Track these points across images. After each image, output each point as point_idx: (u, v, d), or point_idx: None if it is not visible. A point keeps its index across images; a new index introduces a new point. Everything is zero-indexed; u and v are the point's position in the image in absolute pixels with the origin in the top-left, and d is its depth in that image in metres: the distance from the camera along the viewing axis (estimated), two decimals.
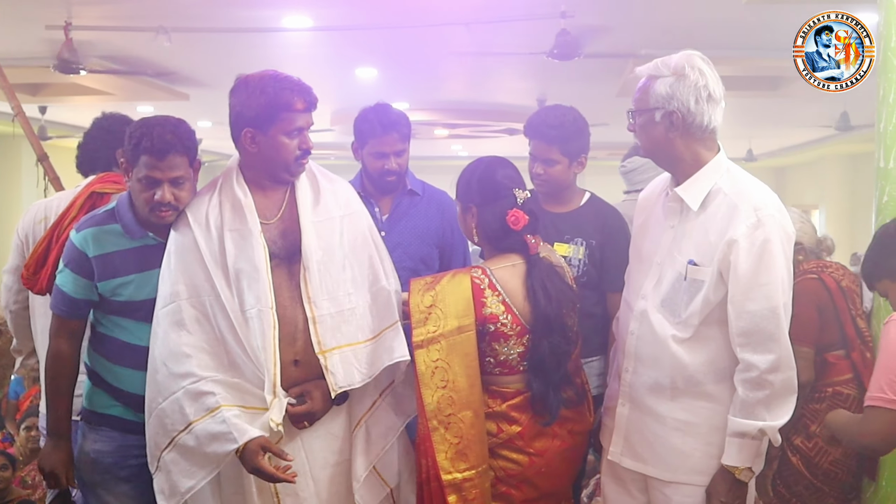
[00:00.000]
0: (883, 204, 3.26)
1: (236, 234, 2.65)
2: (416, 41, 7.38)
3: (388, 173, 3.26)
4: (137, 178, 2.61)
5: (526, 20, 6.35)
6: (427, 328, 2.63)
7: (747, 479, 2.46)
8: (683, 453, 2.54)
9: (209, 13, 6.55)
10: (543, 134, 3.15)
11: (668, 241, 2.60)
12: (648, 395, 2.59)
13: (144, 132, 2.58)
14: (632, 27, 6.86)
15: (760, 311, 2.38)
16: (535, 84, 9.64)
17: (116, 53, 7.89)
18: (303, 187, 2.76)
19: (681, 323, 2.50)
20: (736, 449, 2.44)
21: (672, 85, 2.47)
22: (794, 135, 13.86)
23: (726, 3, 5.85)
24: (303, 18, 6.78)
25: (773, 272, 2.40)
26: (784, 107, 10.62)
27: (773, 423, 2.40)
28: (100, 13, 6.62)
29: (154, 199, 2.60)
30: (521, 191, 2.72)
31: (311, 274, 2.65)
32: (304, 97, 2.66)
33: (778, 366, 2.39)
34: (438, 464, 2.58)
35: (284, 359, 2.61)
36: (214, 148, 16.87)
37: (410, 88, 10.31)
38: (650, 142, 2.59)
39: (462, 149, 17.28)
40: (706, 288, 2.45)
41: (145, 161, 2.58)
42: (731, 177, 2.53)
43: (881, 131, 3.26)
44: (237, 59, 8.18)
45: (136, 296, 2.68)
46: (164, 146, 2.57)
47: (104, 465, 2.75)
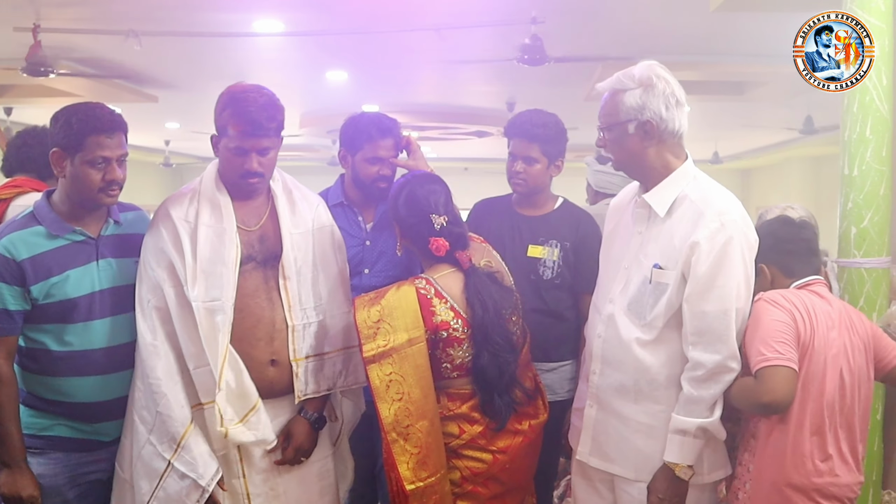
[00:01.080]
0: (847, 210, 3.33)
1: (211, 230, 2.69)
2: (386, 45, 7.40)
3: (382, 179, 3.21)
4: (86, 161, 2.55)
5: (496, 25, 6.39)
6: (377, 342, 2.65)
7: (686, 477, 2.49)
8: (645, 455, 2.59)
9: (179, 16, 6.53)
10: (526, 131, 3.19)
11: (635, 246, 2.65)
12: (614, 396, 2.64)
13: (87, 115, 2.55)
14: (601, 33, 6.93)
15: (713, 312, 2.43)
16: (504, 88, 9.69)
17: (86, 56, 7.83)
18: (281, 199, 2.81)
19: (646, 325, 2.55)
20: (677, 446, 2.48)
21: (642, 96, 2.52)
22: (760, 138, 14.03)
23: (693, 11, 5.93)
24: (274, 23, 6.78)
25: (729, 276, 2.44)
26: (749, 110, 10.75)
27: (712, 419, 2.46)
28: (69, 16, 6.57)
29: (105, 179, 2.58)
30: (439, 216, 2.75)
31: (291, 283, 2.74)
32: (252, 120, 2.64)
33: (724, 367, 2.44)
34: (401, 475, 2.62)
35: (261, 358, 2.68)
36: (183, 150, 16.79)
37: (380, 91, 10.32)
38: (625, 154, 2.62)
39: (431, 150, 17.29)
40: (670, 291, 2.50)
41: (95, 142, 2.54)
42: (698, 184, 2.57)
43: (846, 139, 3.33)
44: (207, 61, 8.18)
45: (71, 293, 2.61)
46: (111, 125, 2.57)
47: (53, 488, 2.66)
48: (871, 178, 3.25)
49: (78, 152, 2.55)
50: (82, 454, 2.70)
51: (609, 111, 2.59)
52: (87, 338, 2.65)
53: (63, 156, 2.57)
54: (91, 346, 2.66)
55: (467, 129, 12.43)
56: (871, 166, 3.25)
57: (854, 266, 3.31)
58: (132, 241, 2.75)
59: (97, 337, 2.66)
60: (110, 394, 2.70)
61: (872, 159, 3.25)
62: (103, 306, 2.67)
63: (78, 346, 2.64)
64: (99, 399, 2.69)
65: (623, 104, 2.54)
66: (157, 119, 12.29)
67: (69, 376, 2.64)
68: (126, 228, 2.77)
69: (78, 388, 2.65)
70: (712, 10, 5.61)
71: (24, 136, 3.57)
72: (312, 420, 2.79)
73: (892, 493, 3.31)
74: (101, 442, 2.74)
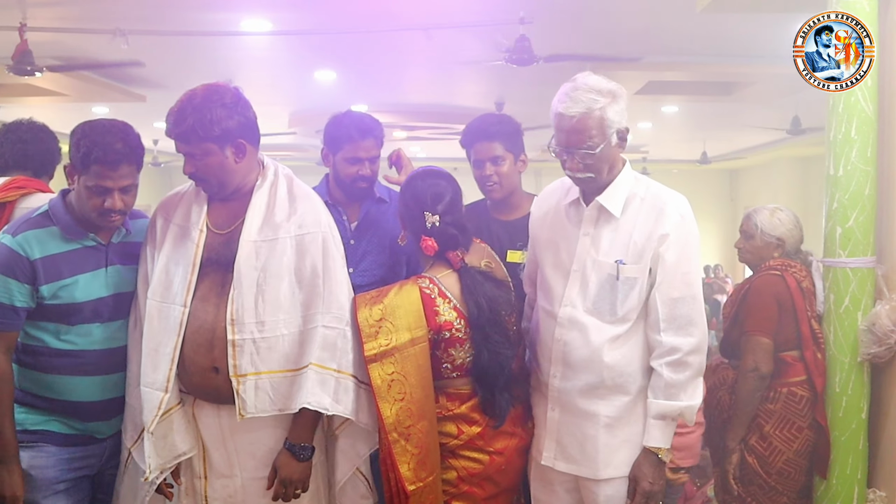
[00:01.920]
0: (833, 210, 3.34)
1: (178, 228, 2.70)
2: (374, 44, 7.39)
3: (362, 179, 3.21)
4: (87, 186, 2.58)
5: (484, 25, 6.39)
6: (378, 342, 2.63)
7: (667, 460, 2.62)
8: (612, 448, 2.64)
9: (167, 15, 6.50)
10: (484, 131, 3.22)
11: (583, 248, 2.68)
12: (580, 397, 2.67)
13: (95, 141, 2.54)
14: (589, 33, 6.94)
15: (683, 297, 2.57)
16: (493, 88, 9.70)
17: (73, 55, 7.80)
18: (257, 202, 2.68)
19: (619, 319, 2.61)
20: (659, 430, 2.59)
21: (615, 105, 2.54)
22: (747, 138, 14.06)
23: (681, 11, 5.94)
24: (262, 22, 6.76)
25: (692, 263, 2.62)
26: (737, 111, 10.78)
27: (691, 403, 2.59)
28: (56, 14, 6.54)
29: (104, 207, 2.60)
30: (432, 214, 2.73)
31: (239, 295, 2.59)
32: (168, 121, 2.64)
33: (699, 348, 2.58)
34: (402, 475, 2.60)
35: (203, 364, 2.62)
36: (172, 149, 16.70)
37: (369, 91, 10.30)
38: (605, 164, 2.59)
39: (421, 150, 17.30)
40: (640, 283, 2.60)
41: (97, 171, 2.55)
42: (642, 182, 2.70)
43: (831, 140, 3.34)
44: (195, 61, 8.15)
45: (77, 297, 2.64)
46: (116, 157, 2.55)
47: (44, 480, 2.66)
48: (857, 179, 3.27)
49: (82, 175, 2.59)
50: (75, 448, 2.72)
51: (595, 132, 2.52)
52: (87, 339, 2.68)
53: (73, 171, 2.62)
54: (90, 347, 2.69)
55: (456, 128, 12.40)
56: (857, 166, 3.27)
57: (839, 266, 3.34)
58: (139, 248, 2.80)
59: (97, 339, 2.69)
60: (106, 394, 2.73)
61: (858, 159, 3.27)
62: (106, 311, 2.71)
63: (77, 346, 2.67)
64: (94, 399, 2.71)
65: (607, 119, 2.52)
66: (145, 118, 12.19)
67: (65, 374, 2.67)
68: (135, 236, 2.80)
69: (74, 386, 2.67)
70: (699, 10, 5.62)
71: (19, 132, 3.48)
72: (295, 450, 2.64)
73: (878, 492, 3.33)
74: (94, 438, 2.76)
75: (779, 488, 3.44)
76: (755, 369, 3.39)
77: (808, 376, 3.44)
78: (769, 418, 3.43)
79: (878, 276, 3.32)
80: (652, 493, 2.60)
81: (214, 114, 2.55)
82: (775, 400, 3.44)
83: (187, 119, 2.54)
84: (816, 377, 3.40)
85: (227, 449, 2.69)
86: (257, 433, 2.67)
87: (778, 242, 3.59)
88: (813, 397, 3.42)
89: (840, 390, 3.37)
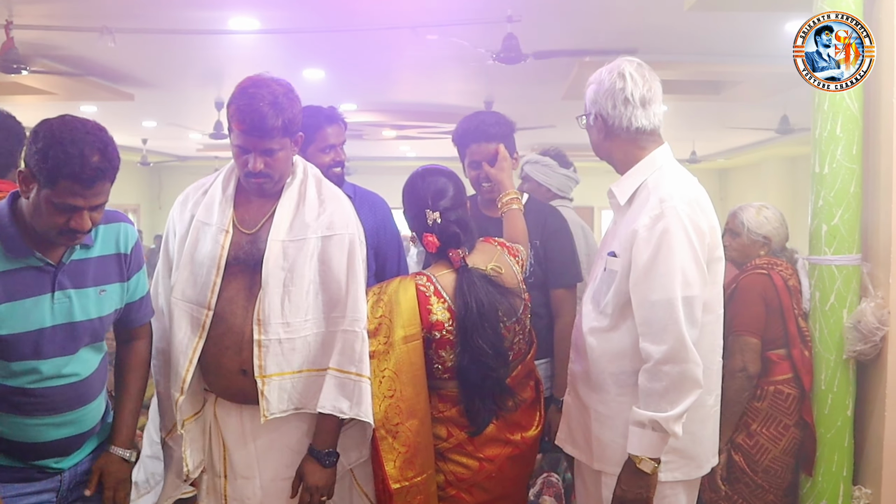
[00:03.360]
0: (818, 208, 3.35)
1: (203, 226, 2.64)
2: (363, 44, 7.38)
3: (336, 164, 3.24)
4: (51, 202, 2.12)
5: (473, 24, 6.39)
6: (378, 339, 2.62)
7: (649, 470, 2.42)
8: (601, 443, 2.61)
9: (155, 13, 6.48)
10: (484, 132, 3.18)
11: (608, 236, 2.72)
12: (580, 385, 2.69)
13: (70, 155, 2.08)
14: (577, 32, 6.93)
15: (657, 301, 2.38)
16: (481, 86, 9.68)
17: (60, 53, 7.77)
18: (286, 203, 2.63)
19: (601, 313, 2.59)
20: (637, 438, 2.42)
21: (594, 91, 2.62)
22: (737, 137, 14.09)
23: (669, 10, 5.94)
24: (250, 20, 6.74)
25: (670, 263, 2.39)
26: (726, 110, 10.80)
27: (667, 414, 2.36)
28: (43, 12, 6.51)
29: (68, 226, 2.17)
30: (433, 211, 2.72)
31: (267, 295, 2.55)
32: (246, 119, 2.48)
33: (672, 357, 2.36)
34: (387, 473, 2.58)
35: (231, 367, 2.59)
36: (160, 148, 16.67)
37: (358, 90, 10.28)
38: (591, 141, 2.71)
39: (410, 149, 17.29)
40: (618, 278, 2.51)
41: (67, 187, 2.10)
42: (660, 173, 2.57)
43: (817, 137, 3.35)
44: (183, 59, 8.13)
45: (13, 328, 2.20)
46: (93, 174, 2.11)
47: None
48: (842, 176, 3.28)
49: (45, 188, 2.12)
50: (26, 483, 2.34)
51: (588, 105, 2.68)
52: (31, 377, 2.25)
53: (31, 180, 2.14)
54: (35, 386, 2.26)
55: (445, 127, 12.40)
56: (842, 164, 3.28)
57: (825, 263, 3.34)
58: (101, 266, 2.38)
59: (45, 375, 2.27)
60: (58, 434, 2.33)
61: (843, 157, 3.27)
62: (51, 346, 2.26)
63: (19, 384, 2.25)
64: (43, 440, 2.31)
65: (587, 96, 2.66)
66: (133, 117, 12.19)
67: (4, 412, 2.27)
68: (100, 249, 2.38)
69: (16, 426, 2.28)
70: (686, 9, 5.63)
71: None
72: (320, 457, 2.60)
73: (863, 489, 3.34)
74: (46, 471, 2.37)
75: (765, 486, 3.45)
76: (743, 369, 3.38)
77: (796, 374, 3.44)
78: (756, 416, 3.44)
79: (864, 274, 3.33)
80: (623, 499, 2.46)
81: (296, 108, 2.54)
82: (762, 398, 3.44)
83: (280, 116, 2.48)
84: (804, 375, 3.41)
85: (249, 449, 2.66)
86: (279, 432, 2.64)
87: (764, 241, 3.60)
88: (800, 395, 3.43)
89: (826, 388, 3.38)
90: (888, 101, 3.27)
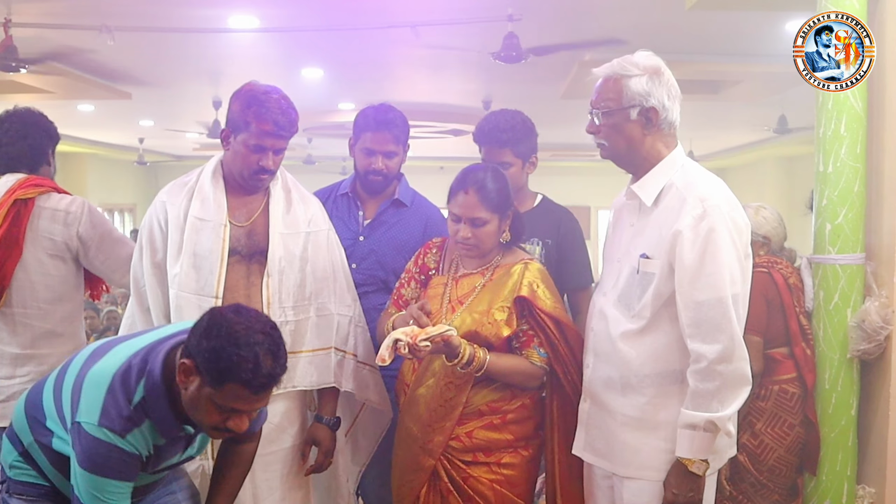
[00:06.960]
0: (822, 207, 3.35)
1: (199, 221, 2.76)
2: (362, 42, 7.36)
3: (375, 172, 3.21)
4: (213, 402, 2.09)
5: (472, 23, 6.38)
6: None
7: (701, 472, 2.43)
8: (633, 448, 2.55)
9: (154, 12, 6.46)
10: (496, 138, 3.17)
11: (627, 239, 2.64)
12: (603, 390, 2.62)
13: (243, 359, 2.03)
14: (577, 31, 6.93)
15: (707, 301, 2.37)
16: (480, 86, 9.67)
17: (58, 51, 7.74)
18: (276, 197, 2.88)
19: (634, 316, 2.52)
20: (687, 441, 2.41)
21: (648, 82, 2.50)
22: (734, 137, 14.10)
23: (669, 9, 5.93)
24: (249, 19, 6.72)
25: (718, 262, 2.38)
26: (724, 110, 10.79)
27: (722, 413, 2.37)
28: (41, 10, 6.49)
29: (226, 425, 2.15)
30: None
31: (272, 280, 2.80)
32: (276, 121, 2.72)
33: (726, 356, 2.36)
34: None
35: None
36: (157, 147, 16.64)
37: (356, 89, 10.27)
38: (622, 140, 2.56)
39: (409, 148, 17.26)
40: (657, 280, 2.46)
41: (234, 391, 2.06)
42: (685, 172, 2.55)
43: (820, 136, 3.34)
44: (181, 58, 8.11)
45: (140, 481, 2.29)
46: (265, 381, 2.09)
47: None
48: (846, 175, 3.28)
49: (209, 387, 2.08)
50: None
51: (610, 95, 2.54)
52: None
53: (193, 374, 2.10)
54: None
55: (443, 127, 12.39)
56: (846, 163, 3.27)
57: (829, 262, 3.34)
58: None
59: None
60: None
61: (847, 156, 3.27)
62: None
63: None
64: None
65: (628, 89, 2.51)
66: (130, 116, 12.15)
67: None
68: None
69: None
70: (687, 8, 5.62)
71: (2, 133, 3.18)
72: (331, 424, 2.90)
73: (867, 488, 3.33)
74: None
75: (770, 485, 3.45)
76: None
77: (799, 373, 3.44)
78: (760, 416, 3.44)
79: (868, 273, 3.33)
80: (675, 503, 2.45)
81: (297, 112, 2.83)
82: (766, 397, 3.44)
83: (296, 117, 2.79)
84: (807, 373, 3.41)
85: None
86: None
87: (763, 240, 3.59)
88: (803, 394, 3.43)
89: (830, 387, 3.37)
90: (892, 99, 3.27)
